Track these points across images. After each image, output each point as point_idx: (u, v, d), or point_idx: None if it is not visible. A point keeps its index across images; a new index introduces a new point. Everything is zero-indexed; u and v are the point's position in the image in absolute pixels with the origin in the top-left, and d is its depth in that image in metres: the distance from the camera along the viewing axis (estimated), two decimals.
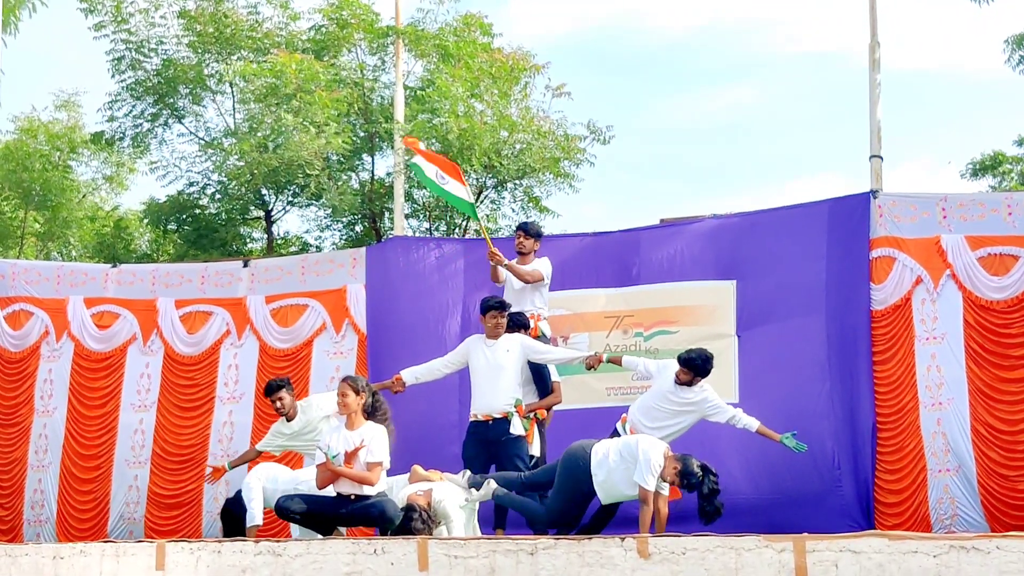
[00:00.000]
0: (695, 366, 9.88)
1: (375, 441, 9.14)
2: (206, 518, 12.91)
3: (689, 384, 9.93)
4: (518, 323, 10.59)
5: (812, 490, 10.90)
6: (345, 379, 9.48)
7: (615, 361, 10.58)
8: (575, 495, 9.41)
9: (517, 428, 10.15)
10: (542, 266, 11.08)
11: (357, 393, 9.27)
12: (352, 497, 9.17)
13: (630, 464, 9.08)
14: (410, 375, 10.58)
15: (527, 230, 11.19)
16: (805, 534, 7.37)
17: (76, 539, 12.42)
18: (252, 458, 11.25)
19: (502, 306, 10.45)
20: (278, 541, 8.65)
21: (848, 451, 11.10)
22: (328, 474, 9.16)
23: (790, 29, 39.82)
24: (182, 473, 13.12)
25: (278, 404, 10.72)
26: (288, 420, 10.73)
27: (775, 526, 10.54)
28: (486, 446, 10.23)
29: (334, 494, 9.24)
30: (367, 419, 9.31)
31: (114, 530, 13.06)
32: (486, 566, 7.86)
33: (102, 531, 13.02)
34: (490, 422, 10.18)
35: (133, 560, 8.91)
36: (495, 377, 10.21)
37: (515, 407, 10.18)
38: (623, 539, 7.65)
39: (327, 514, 9.30)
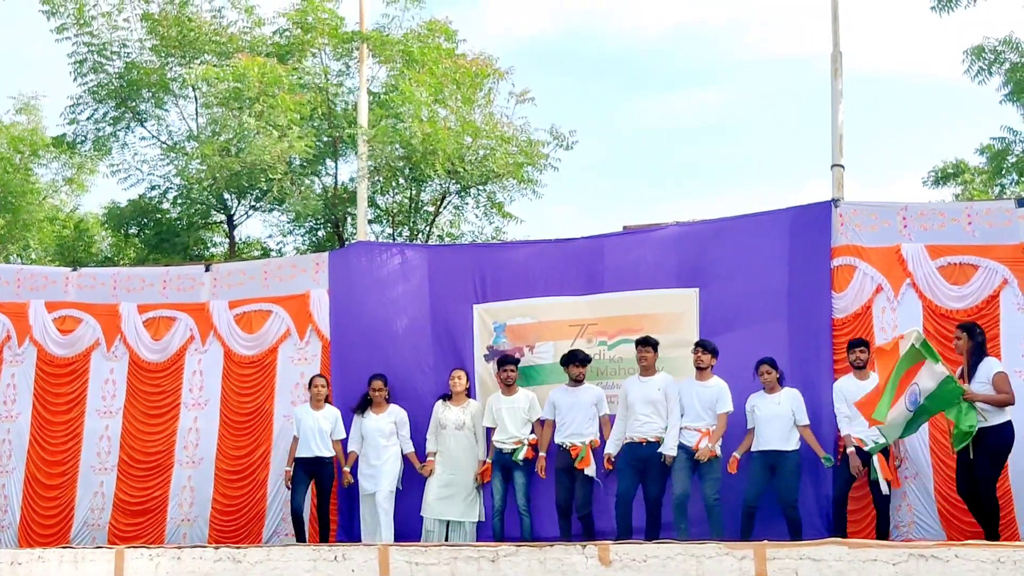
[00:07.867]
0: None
1: None
2: (170, 524, 12.86)
3: None
4: None
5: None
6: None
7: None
8: None
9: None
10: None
11: None
12: None
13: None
14: None
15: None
16: (766, 541, 7.42)
17: (38, 545, 12.32)
18: None
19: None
20: (238, 548, 8.61)
21: (808, 459, 11.12)
22: None
23: (757, 34, 40.05)
24: (148, 480, 13.05)
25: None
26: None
27: (737, 533, 10.59)
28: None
29: None
30: None
31: (77, 536, 12.96)
32: (447, 573, 7.86)
33: (65, 537, 12.92)
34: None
35: (92, 566, 8.87)
36: None
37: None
38: (584, 546, 7.67)
39: None
